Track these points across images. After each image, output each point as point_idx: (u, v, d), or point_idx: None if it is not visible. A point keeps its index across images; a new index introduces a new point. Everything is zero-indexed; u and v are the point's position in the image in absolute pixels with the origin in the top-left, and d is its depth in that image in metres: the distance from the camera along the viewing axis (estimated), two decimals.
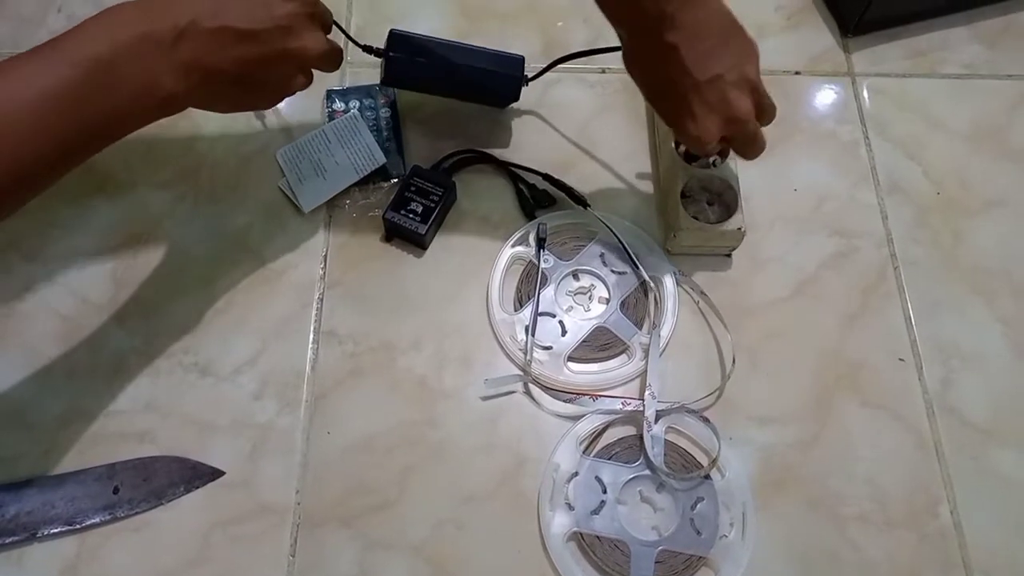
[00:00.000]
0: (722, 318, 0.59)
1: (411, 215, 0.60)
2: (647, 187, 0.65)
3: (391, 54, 0.60)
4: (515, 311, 0.59)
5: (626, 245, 0.61)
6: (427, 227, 0.59)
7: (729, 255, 0.62)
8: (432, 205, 0.60)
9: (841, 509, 0.54)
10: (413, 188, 0.61)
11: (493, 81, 0.62)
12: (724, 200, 0.61)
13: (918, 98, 0.70)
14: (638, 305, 0.60)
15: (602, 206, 0.63)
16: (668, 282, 0.60)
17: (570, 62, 0.66)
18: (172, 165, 0.64)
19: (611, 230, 0.61)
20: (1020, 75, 0.71)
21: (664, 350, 0.58)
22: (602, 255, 0.61)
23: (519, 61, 0.63)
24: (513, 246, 0.61)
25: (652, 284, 0.60)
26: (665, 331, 0.58)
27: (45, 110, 0.40)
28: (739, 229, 0.59)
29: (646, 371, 0.56)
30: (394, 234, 0.61)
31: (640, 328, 0.59)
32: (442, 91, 0.63)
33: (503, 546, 0.52)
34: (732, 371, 0.57)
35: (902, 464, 0.56)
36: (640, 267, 0.60)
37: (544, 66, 0.65)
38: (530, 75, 0.64)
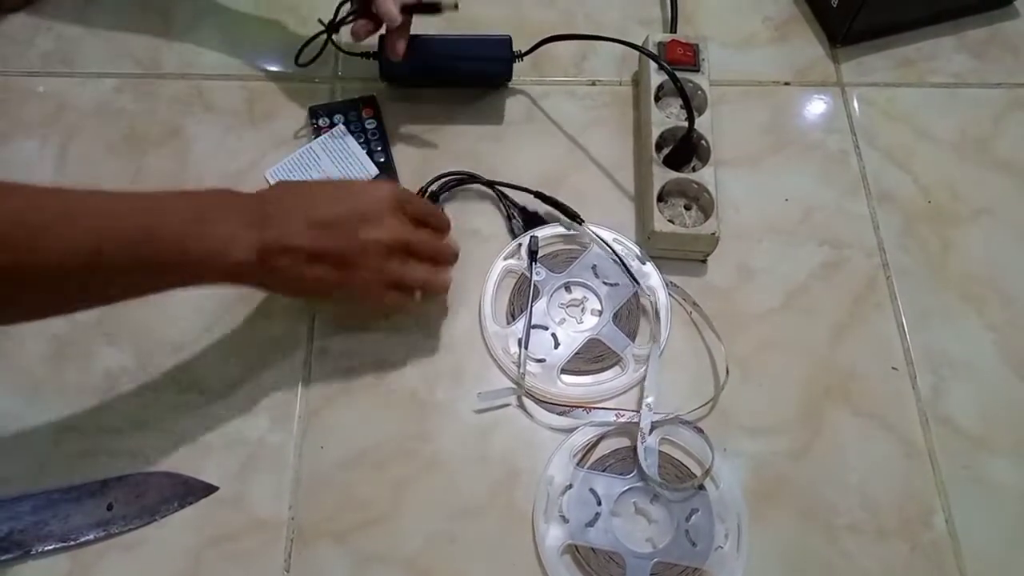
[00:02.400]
0: (715, 328, 0.59)
1: None
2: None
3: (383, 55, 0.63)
4: (508, 324, 0.59)
5: (622, 258, 0.61)
6: None
7: (704, 260, 0.62)
8: None
9: (834, 519, 0.54)
10: None
11: (485, 65, 0.66)
12: (701, 204, 0.62)
13: (907, 107, 0.70)
14: (631, 317, 0.60)
15: (594, 217, 0.63)
16: (661, 294, 0.60)
17: (561, 75, 0.66)
18: (163, 184, 0.64)
19: (606, 244, 0.61)
20: (1006, 84, 0.71)
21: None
22: (594, 267, 0.61)
23: (507, 41, 0.65)
24: (505, 259, 0.62)
25: (650, 295, 0.60)
26: (661, 340, 0.58)
27: (113, 223, 0.43)
28: (712, 234, 0.59)
29: (643, 382, 0.56)
30: None
31: (633, 340, 0.59)
32: (439, 81, 0.66)
33: (497, 559, 0.52)
34: (726, 381, 0.57)
35: (895, 473, 0.56)
36: (638, 280, 0.60)
37: (535, 43, 0.66)
38: (523, 50, 0.66)
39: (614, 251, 0.61)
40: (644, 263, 0.61)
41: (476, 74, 0.67)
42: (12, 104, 0.67)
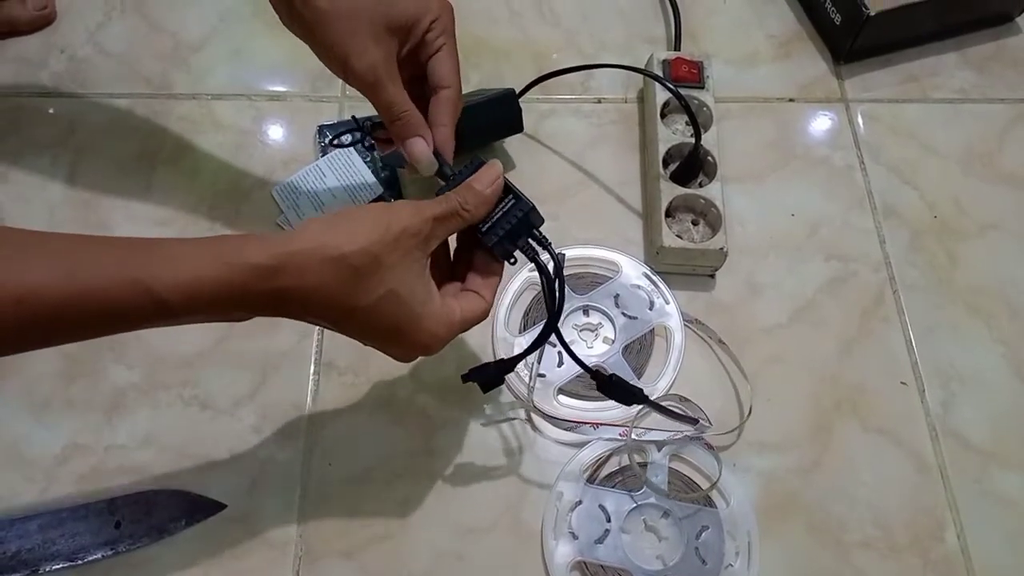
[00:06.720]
0: (741, 366, 0.58)
1: None
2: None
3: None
4: (518, 333, 0.59)
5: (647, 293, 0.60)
6: None
7: (712, 276, 0.62)
8: None
9: (845, 536, 0.54)
10: None
11: (497, 126, 0.65)
12: (708, 220, 0.62)
13: (911, 123, 0.70)
14: (641, 352, 0.59)
15: (602, 234, 0.63)
16: (677, 337, 0.59)
17: (567, 93, 0.67)
18: (173, 202, 0.64)
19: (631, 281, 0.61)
20: (1011, 99, 0.72)
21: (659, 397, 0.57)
22: (616, 296, 0.61)
23: (511, 96, 0.63)
24: (530, 271, 0.61)
25: (669, 331, 0.59)
26: (662, 384, 0.57)
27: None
28: (721, 249, 0.59)
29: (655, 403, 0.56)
30: None
31: (638, 377, 0.58)
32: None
33: None
34: (748, 417, 0.57)
35: (905, 489, 0.55)
36: (680, 314, 0.59)
37: (529, 81, 0.66)
38: (518, 91, 0.65)
39: (657, 283, 0.61)
40: (668, 303, 0.61)
41: (488, 137, 0.66)
42: (24, 124, 0.68)
